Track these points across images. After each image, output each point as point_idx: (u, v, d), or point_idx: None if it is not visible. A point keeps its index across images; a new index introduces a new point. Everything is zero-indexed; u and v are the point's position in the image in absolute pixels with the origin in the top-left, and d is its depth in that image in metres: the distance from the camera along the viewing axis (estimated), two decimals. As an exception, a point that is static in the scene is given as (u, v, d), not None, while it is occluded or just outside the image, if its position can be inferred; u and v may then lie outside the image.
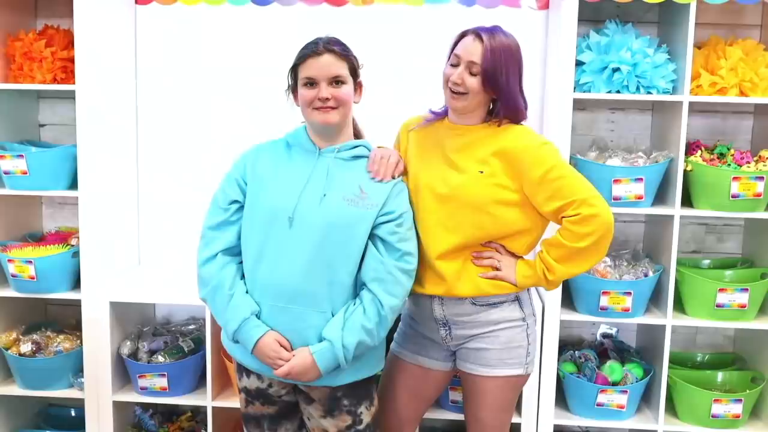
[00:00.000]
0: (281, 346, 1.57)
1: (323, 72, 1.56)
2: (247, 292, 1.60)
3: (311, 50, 1.57)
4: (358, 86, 1.64)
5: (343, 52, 1.59)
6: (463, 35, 1.63)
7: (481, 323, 1.68)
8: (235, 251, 1.62)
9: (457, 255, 1.64)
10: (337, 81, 1.57)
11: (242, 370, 1.69)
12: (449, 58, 1.65)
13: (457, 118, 1.68)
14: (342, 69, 1.58)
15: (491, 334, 1.69)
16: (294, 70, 1.61)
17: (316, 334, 1.56)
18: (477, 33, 1.60)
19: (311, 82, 1.57)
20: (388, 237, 1.57)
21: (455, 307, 1.68)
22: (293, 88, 1.63)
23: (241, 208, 1.62)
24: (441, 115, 1.73)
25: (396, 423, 1.82)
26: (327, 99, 1.56)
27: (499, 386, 1.70)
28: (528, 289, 1.74)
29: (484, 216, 1.60)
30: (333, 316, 1.57)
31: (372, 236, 1.58)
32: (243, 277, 1.62)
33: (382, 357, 1.72)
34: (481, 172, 1.61)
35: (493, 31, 1.61)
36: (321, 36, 1.61)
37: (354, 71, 1.61)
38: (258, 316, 1.58)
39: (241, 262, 1.63)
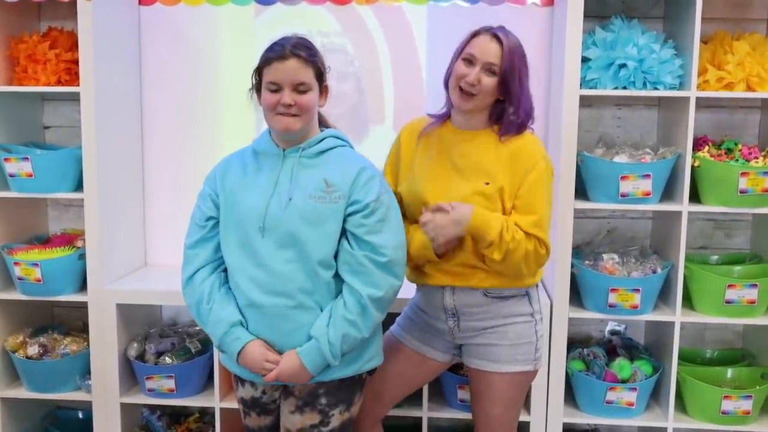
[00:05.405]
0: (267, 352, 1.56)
1: (288, 78, 1.52)
2: (232, 302, 1.59)
3: (277, 54, 1.52)
4: (323, 90, 1.60)
5: (310, 57, 1.54)
6: (476, 34, 1.63)
7: (490, 316, 1.68)
8: (215, 265, 1.63)
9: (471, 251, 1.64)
10: (301, 88, 1.53)
11: (237, 380, 1.70)
12: (459, 55, 1.63)
13: (462, 122, 1.68)
14: (307, 75, 1.54)
15: (500, 329, 1.69)
16: (258, 71, 1.57)
17: (307, 333, 1.56)
18: (493, 33, 1.60)
19: (275, 87, 1.53)
20: (355, 229, 1.55)
21: (467, 297, 1.68)
22: (257, 88, 1.60)
23: (218, 223, 1.62)
24: (443, 118, 1.72)
25: (375, 404, 1.80)
26: (290, 105, 1.52)
27: (508, 382, 1.70)
28: (537, 285, 1.74)
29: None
30: (321, 311, 1.56)
31: (344, 229, 1.56)
32: (225, 284, 1.62)
33: (375, 353, 1.67)
34: (487, 183, 1.62)
35: (506, 31, 1.62)
36: (289, 36, 1.56)
37: (320, 76, 1.57)
38: (245, 326, 1.58)
39: (222, 272, 1.63)
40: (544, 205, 1.62)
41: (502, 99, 1.63)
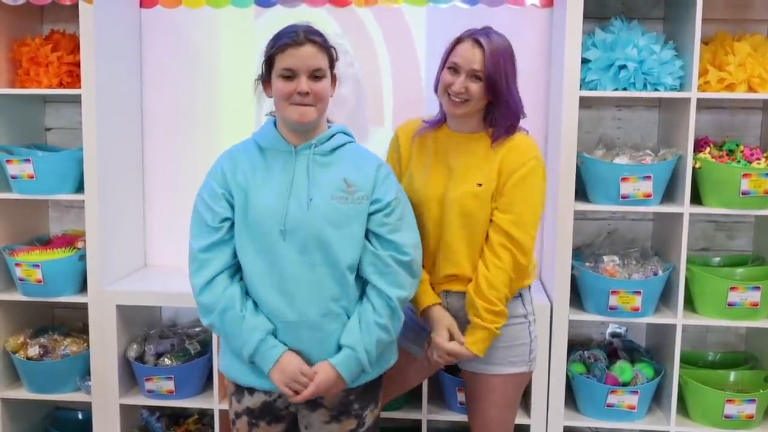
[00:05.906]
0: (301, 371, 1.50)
1: (304, 64, 1.45)
2: (256, 308, 1.52)
3: (291, 39, 1.45)
4: (333, 79, 1.54)
5: (324, 44, 1.49)
6: (458, 41, 1.62)
7: None
8: (233, 270, 1.52)
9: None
10: (316, 75, 1.47)
11: (241, 391, 1.59)
12: (444, 63, 1.64)
13: (456, 125, 1.69)
14: (323, 61, 1.48)
15: None
16: (269, 60, 1.49)
17: (335, 341, 1.51)
18: (474, 39, 1.59)
19: (290, 75, 1.46)
20: (378, 229, 1.51)
21: (461, 301, 1.67)
22: (265, 79, 1.53)
23: (233, 224, 1.51)
24: (438, 123, 1.72)
25: None
26: (306, 93, 1.46)
27: (503, 384, 1.70)
28: (530, 287, 1.74)
29: (474, 223, 1.63)
30: (348, 317, 1.52)
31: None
32: (247, 293, 1.53)
33: (394, 351, 1.67)
34: (480, 185, 1.62)
35: (488, 33, 1.60)
36: (298, 23, 1.51)
37: (332, 64, 1.52)
38: (275, 335, 1.51)
39: (241, 279, 1.53)
40: (526, 204, 1.60)
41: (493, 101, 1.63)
